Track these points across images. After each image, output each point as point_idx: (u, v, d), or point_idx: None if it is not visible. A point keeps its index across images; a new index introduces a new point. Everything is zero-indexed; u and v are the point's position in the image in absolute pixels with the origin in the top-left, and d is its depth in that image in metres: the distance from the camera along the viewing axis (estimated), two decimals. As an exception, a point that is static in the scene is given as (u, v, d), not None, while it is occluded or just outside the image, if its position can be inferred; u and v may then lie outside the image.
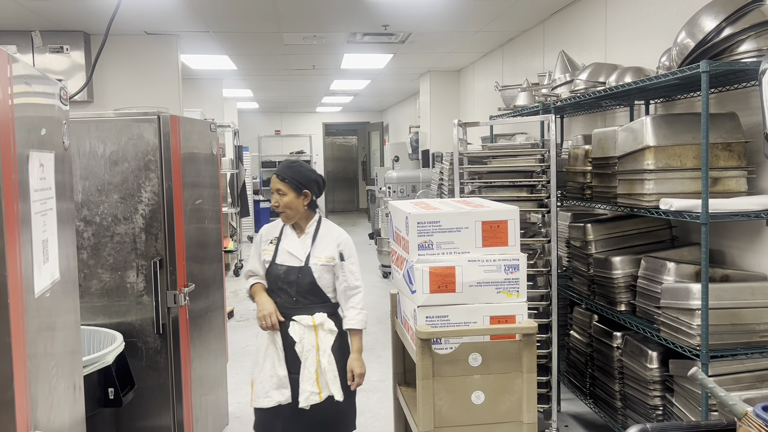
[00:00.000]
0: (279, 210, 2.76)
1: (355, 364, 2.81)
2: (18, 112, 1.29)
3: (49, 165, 1.51)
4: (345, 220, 16.19)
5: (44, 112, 1.54)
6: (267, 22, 5.65)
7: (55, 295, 1.49)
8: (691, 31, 2.69)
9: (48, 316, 1.41)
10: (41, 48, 5.73)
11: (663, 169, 2.86)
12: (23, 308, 1.22)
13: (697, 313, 2.58)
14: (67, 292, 1.61)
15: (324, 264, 2.76)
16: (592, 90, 3.53)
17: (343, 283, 2.80)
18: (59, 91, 1.71)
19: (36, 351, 1.32)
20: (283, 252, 2.78)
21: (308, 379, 2.69)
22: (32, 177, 1.36)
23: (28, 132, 1.36)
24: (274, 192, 2.75)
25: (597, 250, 3.50)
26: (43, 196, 1.43)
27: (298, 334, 2.71)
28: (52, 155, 1.54)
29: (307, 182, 2.77)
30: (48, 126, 1.53)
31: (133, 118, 2.95)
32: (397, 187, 8.72)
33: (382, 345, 5.61)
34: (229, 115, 10.56)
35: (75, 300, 1.71)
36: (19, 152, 1.28)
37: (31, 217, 1.34)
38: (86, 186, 2.94)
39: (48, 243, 1.45)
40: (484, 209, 2.48)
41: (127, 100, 5.84)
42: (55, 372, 1.48)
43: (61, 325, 1.54)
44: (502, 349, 2.42)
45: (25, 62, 1.37)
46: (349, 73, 8.93)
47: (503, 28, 5.98)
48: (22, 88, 1.35)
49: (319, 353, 2.73)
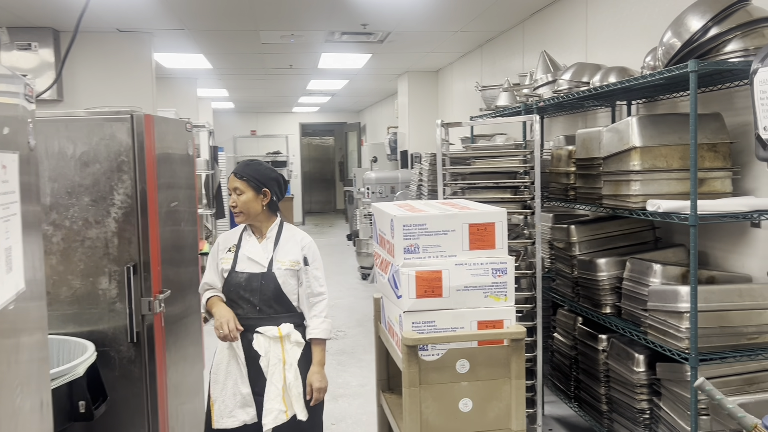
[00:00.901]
0: (236, 210, 2.58)
1: (315, 377, 2.57)
2: (-23, 109, 1.19)
3: (12, 166, 1.40)
4: (322, 221, 16.07)
5: (7, 111, 1.43)
6: (243, 20, 5.54)
7: (20, 308, 1.38)
8: (677, 31, 2.66)
9: (11, 331, 1.31)
10: (8, 45, 5.53)
11: (649, 170, 2.83)
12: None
13: (685, 315, 2.55)
14: (34, 303, 1.50)
15: (288, 268, 2.58)
16: (576, 90, 3.49)
17: (306, 290, 2.62)
18: (24, 88, 1.59)
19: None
20: (243, 258, 2.59)
21: (275, 396, 2.48)
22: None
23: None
24: (231, 191, 2.59)
25: (581, 252, 3.46)
26: (5, 201, 1.33)
27: (263, 347, 2.51)
28: (15, 156, 1.43)
29: (266, 180, 2.60)
30: (11, 125, 1.42)
31: (105, 117, 2.83)
32: (375, 188, 8.65)
33: (363, 348, 5.53)
34: (204, 115, 10.38)
35: (42, 311, 1.60)
36: (-22, 153, 1.17)
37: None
38: (55, 188, 2.81)
39: (11, 251, 1.34)
40: (471, 211, 2.42)
41: (98, 99, 5.67)
42: (20, 391, 1.37)
43: (26, 339, 1.43)
44: (490, 355, 2.36)
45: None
46: (326, 73, 8.83)
47: (482, 28, 5.95)
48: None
49: (285, 367, 2.53)
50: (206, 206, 8.34)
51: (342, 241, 12.08)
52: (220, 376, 2.56)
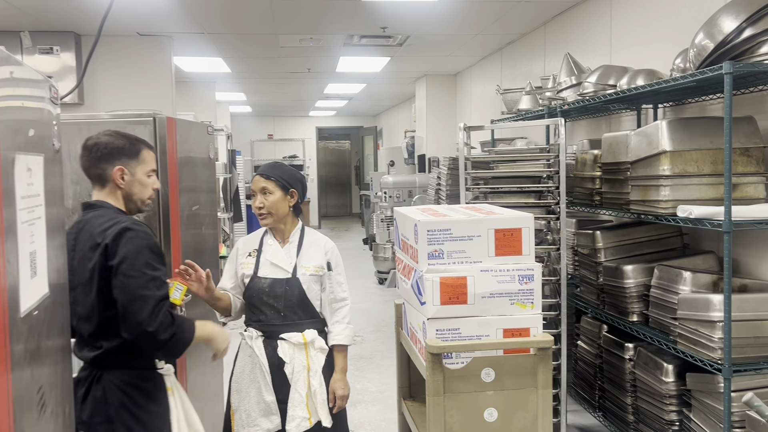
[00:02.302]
0: (263, 212, 2.50)
1: (339, 384, 2.54)
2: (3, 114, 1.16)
3: (37, 169, 1.38)
4: (338, 225, 16.06)
5: (33, 113, 1.40)
6: (263, 24, 5.53)
7: (44, 313, 1.36)
8: (710, 32, 2.59)
9: (36, 336, 1.28)
10: (30, 49, 5.57)
11: (679, 174, 2.76)
12: (8, 330, 1.09)
13: (718, 325, 2.48)
14: (57, 308, 1.48)
15: (313, 274, 2.54)
16: (602, 93, 3.43)
17: (330, 295, 2.58)
18: (49, 90, 1.57)
19: (21, 376, 1.19)
20: (265, 264, 2.53)
21: (299, 403, 2.44)
22: (18, 183, 1.23)
23: (14, 133, 1.23)
24: (258, 193, 2.51)
25: (607, 258, 3.39)
26: (30, 204, 1.30)
27: (288, 354, 2.47)
28: (41, 158, 1.41)
29: (293, 181, 2.55)
30: (36, 127, 1.40)
31: (127, 120, 2.82)
32: (393, 192, 8.61)
33: (381, 354, 5.48)
34: (222, 119, 10.42)
35: (66, 316, 1.58)
36: (3, 155, 1.15)
37: (17, 226, 1.21)
38: (78, 191, 2.80)
39: (36, 255, 1.32)
40: (497, 216, 2.37)
41: (118, 102, 5.70)
42: (43, 396, 1.35)
43: (50, 344, 1.40)
44: (517, 364, 2.31)
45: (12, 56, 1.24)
46: (344, 77, 8.82)
47: (503, 30, 5.89)
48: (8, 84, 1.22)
49: (309, 374, 2.48)
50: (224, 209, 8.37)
51: (358, 245, 12.05)
52: (242, 385, 2.51)
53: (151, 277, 1.91)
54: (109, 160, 2.06)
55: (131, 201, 2.12)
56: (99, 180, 2.08)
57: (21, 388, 1.20)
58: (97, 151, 2.05)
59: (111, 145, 2.07)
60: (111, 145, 2.06)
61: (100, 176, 2.07)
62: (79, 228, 2.02)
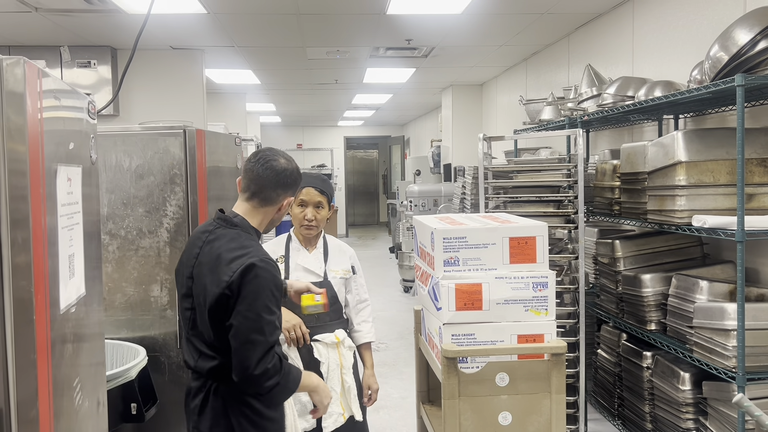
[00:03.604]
0: (313, 224, 2.59)
1: (372, 380, 2.72)
2: (47, 125, 1.29)
3: (76, 179, 1.51)
4: (365, 234, 16.18)
5: (72, 126, 1.53)
6: (291, 37, 5.68)
7: (80, 310, 1.48)
8: (724, 45, 2.63)
9: (73, 331, 1.40)
10: (69, 63, 5.82)
11: (695, 185, 2.79)
12: (49, 324, 1.21)
13: (732, 333, 2.50)
14: (92, 307, 1.60)
15: (342, 277, 2.68)
16: (620, 104, 3.47)
17: (355, 297, 2.73)
18: (87, 105, 1.70)
19: (60, 367, 1.31)
20: (297, 268, 2.62)
21: (334, 401, 2.53)
22: (60, 191, 1.35)
23: (56, 146, 1.35)
24: (311, 205, 2.59)
25: (626, 267, 3.42)
26: (70, 211, 1.42)
27: (323, 355, 2.58)
28: (79, 169, 1.54)
29: (332, 194, 2.70)
30: (76, 140, 1.52)
31: (159, 132, 2.96)
32: (418, 201, 8.68)
33: (404, 361, 5.55)
34: (252, 129, 10.62)
35: (100, 315, 1.70)
36: (48, 166, 1.27)
37: (58, 231, 1.33)
38: (112, 199, 2.95)
39: (74, 258, 1.44)
40: (512, 225, 2.43)
41: (152, 114, 5.89)
42: (79, 388, 1.46)
43: (85, 340, 1.52)
44: (531, 369, 2.36)
45: (55, 76, 1.37)
46: (371, 87, 8.94)
47: (527, 42, 5.95)
48: (52, 102, 1.34)
49: (343, 372, 2.61)
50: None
51: (385, 254, 12.14)
52: None
53: (266, 321, 1.85)
54: (286, 189, 2.03)
55: (271, 224, 2.10)
56: (265, 201, 2.01)
57: (60, 379, 1.32)
58: (284, 177, 2.01)
59: (295, 176, 2.06)
60: (295, 176, 2.06)
61: (271, 199, 2.01)
62: (210, 239, 1.95)
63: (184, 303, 1.94)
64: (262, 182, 1.98)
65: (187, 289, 1.93)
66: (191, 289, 1.91)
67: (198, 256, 1.93)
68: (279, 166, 2.01)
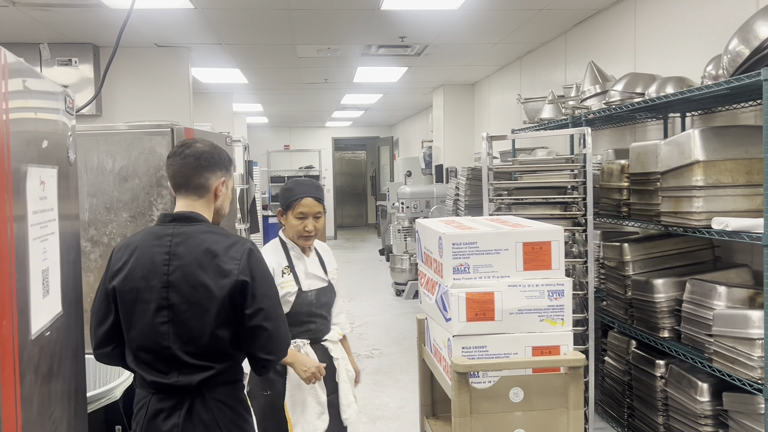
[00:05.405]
0: (311, 234, 2.57)
1: (355, 364, 2.83)
2: (14, 122, 1.10)
3: (51, 182, 1.32)
4: (354, 236, 16.00)
5: (46, 124, 1.35)
6: (281, 34, 5.50)
7: (57, 333, 1.30)
8: (745, 38, 2.49)
9: (48, 358, 1.22)
10: (49, 61, 5.59)
11: (713, 185, 2.65)
12: (17, 354, 1.03)
13: (758, 342, 2.36)
14: (72, 328, 1.42)
15: (334, 277, 2.73)
16: (629, 102, 3.33)
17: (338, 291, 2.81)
18: (65, 101, 1.52)
19: (32, 402, 1.13)
20: (308, 277, 2.60)
21: (348, 391, 2.65)
22: (30, 196, 1.17)
23: (26, 144, 1.17)
24: (311, 217, 2.55)
25: (635, 272, 3.28)
26: (43, 219, 1.24)
27: (334, 351, 2.66)
28: (54, 171, 1.35)
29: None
30: (50, 138, 1.34)
31: (144, 131, 2.77)
32: (410, 202, 8.53)
33: (399, 368, 5.38)
34: (239, 130, 10.41)
35: (80, 334, 1.52)
36: (15, 167, 1.09)
37: (28, 242, 1.15)
38: (94, 204, 2.76)
39: (49, 273, 1.26)
40: (525, 229, 2.28)
41: (136, 113, 5.69)
42: (54, 421, 1.28)
43: (63, 366, 1.34)
44: (546, 383, 2.21)
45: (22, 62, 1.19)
46: (361, 87, 8.78)
47: (523, 39, 5.81)
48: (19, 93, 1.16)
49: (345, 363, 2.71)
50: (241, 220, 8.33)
51: (374, 256, 11.97)
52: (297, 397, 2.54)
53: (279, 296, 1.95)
54: (213, 171, 1.95)
55: (219, 215, 2.03)
56: (197, 190, 1.93)
57: (32, 414, 1.14)
58: (204, 160, 1.93)
59: (216, 155, 1.98)
60: (216, 156, 1.98)
61: (201, 186, 1.93)
62: (177, 241, 1.85)
63: (156, 318, 1.77)
64: (185, 171, 1.90)
65: (160, 301, 1.77)
66: (167, 299, 1.77)
67: (169, 261, 1.80)
68: (195, 151, 1.93)
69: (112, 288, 1.74)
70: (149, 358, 1.78)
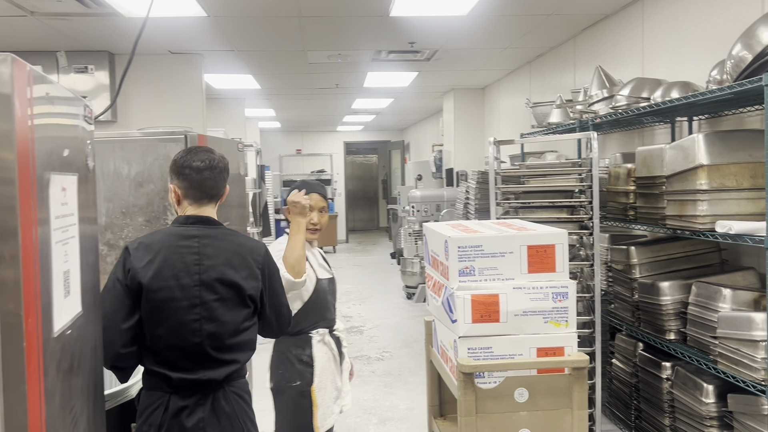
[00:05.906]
0: (317, 228, 2.72)
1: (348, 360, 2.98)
2: (38, 131, 1.17)
3: (71, 189, 1.39)
4: (365, 239, 16.06)
5: (67, 132, 1.42)
6: (292, 41, 5.58)
7: (77, 332, 1.36)
8: (748, 43, 2.53)
9: (69, 356, 1.28)
10: (66, 68, 5.71)
11: (717, 189, 2.68)
12: (41, 351, 1.09)
13: (761, 345, 2.39)
14: (90, 327, 1.48)
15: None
16: (635, 106, 3.36)
17: None
18: (84, 110, 1.59)
19: (54, 396, 1.19)
20: (319, 268, 2.74)
21: (347, 379, 2.81)
22: (53, 202, 1.24)
23: (48, 153, 1.24)
24: (317, 211, 2.71)
25: (642, 274, 3.31)
26: (64, 223, 1.31)
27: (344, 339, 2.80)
28: (74, 178, 1.42)
29: None
30: (71, 146, 1.41)
31: (159, 138, 2.85)
32: (420, 206, 8.57)
33: (409, 370, 5.42)
34: (251, 135, 10.52)
35: (98, 334, 1.59)
36: (39, 175, 1.15)
37: (51, 245, 1.22)
38: (110, 208, 2.84)
39: (69, 274, 1.33)
40: (530, 233, 2.32)
41: (150, 120, 5.78)
42: (75, 416, 1.35)
43: (83, 363, 1.41)
44: (551, 383, 2.25)
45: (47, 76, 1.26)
46: (372, 92, 8.85)
47: (532, 44, 5.85)
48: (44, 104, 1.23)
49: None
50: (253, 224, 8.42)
51: (385, 260, 12.02)
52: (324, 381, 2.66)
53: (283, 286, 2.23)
54: (225, 178, 2.11)
55: None
56: (216, 197, 2.09)
57: (54, 407, 1.20)
58: (220, 171, 2.07)
59: (225, 163, 2.12)
60: (225, 164, 2.12)
61: (219, 194, 2.09)
62: (204, 243, 1.96)
63: (188, 315, 1.86)
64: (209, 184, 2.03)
65: (192, 300, 1.88)
66: (199, 297, 1.88)
67: (200, 261, 1.93)
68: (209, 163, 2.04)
69: (137, 285, 1.84)
70: (174, 356, 1.87)
